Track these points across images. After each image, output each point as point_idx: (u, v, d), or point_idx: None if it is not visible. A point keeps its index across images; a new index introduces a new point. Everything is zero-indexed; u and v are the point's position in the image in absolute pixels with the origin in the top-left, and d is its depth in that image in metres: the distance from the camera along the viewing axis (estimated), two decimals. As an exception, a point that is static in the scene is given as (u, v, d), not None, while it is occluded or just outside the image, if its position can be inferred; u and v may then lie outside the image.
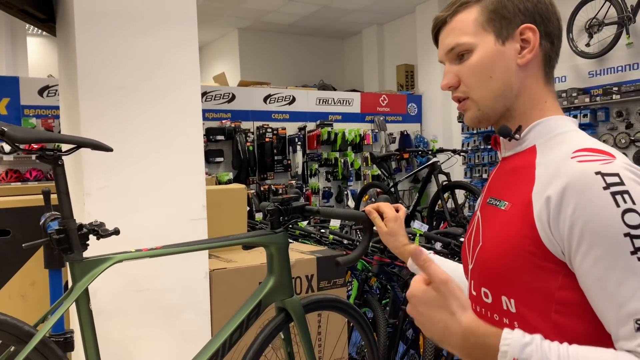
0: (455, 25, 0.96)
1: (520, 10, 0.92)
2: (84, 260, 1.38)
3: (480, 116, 0.96)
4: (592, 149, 0.82)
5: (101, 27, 1.90)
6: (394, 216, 1.40)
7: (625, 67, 5.34)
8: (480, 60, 0.93)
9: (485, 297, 0.93)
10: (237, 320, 1.60)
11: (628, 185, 0.76)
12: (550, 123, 0.93)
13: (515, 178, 0.92)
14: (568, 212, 0.78)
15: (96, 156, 1.69)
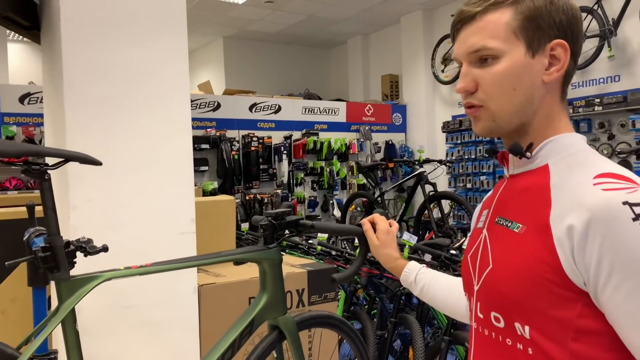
0: (484, 25, 0.88)
1: (555, 23, 0.86)
2: (71, 279, 1.32)
3: (494, 128, 0.91)
4: (614, 174, 0.79)
5: (88, 35, 1.85)
6: (386, 229, 1.40)
7: (607, 79, 5.42)
8: (507, 70, 0.87)
9: (497, 322, 0.89)
10: (229, 339, 1.55)
11: None
12: (563, 141, 0.88)
13: (528, 199, 0.88)
14: (596, 244, 0.75)
15: (82, 168, 1.63)
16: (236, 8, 7.29)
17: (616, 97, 5.12)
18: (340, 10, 7.49)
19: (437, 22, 7.42)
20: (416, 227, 5.49)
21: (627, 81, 5.22)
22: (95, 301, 1.77)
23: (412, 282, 1.32)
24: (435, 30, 7.41)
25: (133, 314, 1.91)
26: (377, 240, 1.40)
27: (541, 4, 0.86)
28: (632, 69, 5.19)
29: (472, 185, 6.64)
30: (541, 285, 0.80)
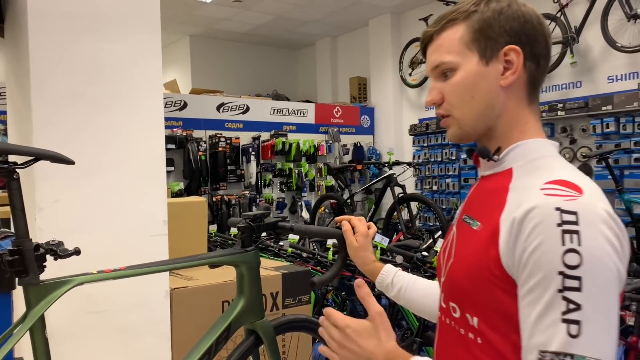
0: (441, 42, 0.96)
1: (506, 30, 0.91)
2: (40, 284, 1.25)
3: (462, 134, 0.97)
4: (564, 181, 0.83)
5: (57, 29, 1.77)
6: (365, 232, 1.40)
7: (569, 85, 5.57)
8: (462, 80, 0.93)
9: (454, 312, 0.95)
10: (205, 345, 1.51)
11: (581, 226, 0.76)
12: (528, 147, 0.93)
13: (489, 200, 0.93)
14: (523, 240, 0.80)
15: (50, 167, 1.56)
16: (203, 6, 7.18)
17: (578, 103, 5.27)
18: (309, 11, 7.48)
19: (405, 26, 7.49)
20: (385, 228, 5.52)
21: (589, 87, 5.37)
22: (62, 307, 1.69)
23: (388, 285, 1.34)
24: (403, 33, 7.48)
25: (102, 320, 1.84)
26: (356, 242, 1.40)
27: (490, 16, 0.92)
28: (593, 75, 5.35)
29: (438, 188, 6.72)
30: (487, 280, 0.86)
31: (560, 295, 0.75)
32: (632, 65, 5.03)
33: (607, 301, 0.76)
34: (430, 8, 6.85)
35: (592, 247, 0.76)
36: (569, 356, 0.73)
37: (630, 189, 4.73)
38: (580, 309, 0.74)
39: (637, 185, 4.78)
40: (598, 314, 0.75)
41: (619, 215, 3.30)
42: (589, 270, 0.75)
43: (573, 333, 0.74)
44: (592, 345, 0.74)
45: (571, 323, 0.74)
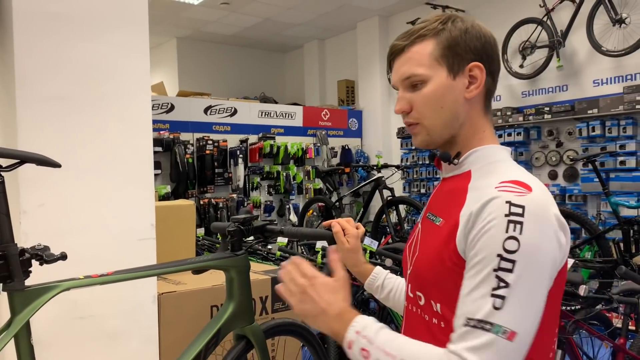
0: (411, 56, 1.03)
1: (470, 49, 1.02)
2: (25, 289, 1.23)
3: (429, 141, 1.06)
4: (516, 181, 0.94)
5: (43, 30, 1.74)
6: (356, 233, 1.42)
7: (555, 89, 5.62)
8: (433, 91, 1.02)
9: (419, 300, 1.05)
10: (195, 351, 1.49)
11: (525, 219, 0.88)
12: (485, 152, 1.04)
13: (450, 198, 1.03)
14: (476, 229, 0.91)
15: (35, 170, 1.53)
16: (191, 8, 7.14)
17: (564, 106, 5.31)
18: (297, 14, 7.47)
19: (393, 29, 7.51)
20: (374, 231, 5.51)
21: (575, 90, 5.42)
22: (48, 312, 1.66)
23: (378, 286, 1.38)
24: (391, 36, 7.50)
25: (89, 325, 1.81)
26: (347, 244, 1.40)
27: (457, 34, 1.02)
28: (578, 79, 5.40)
29: (425, 191, 6.74)
30: (448, 268, 0.96)
31: (494, 274, 0.87)
32: (617, 69, 5.09)
33: (534, 285, 0.88)
34: (418, 12, 6.88)
35: (530, 237, 0.87)
36: (489, 324, 0.85)
37: (616, 191, 4.78)
38: (508, 287, 0.86)
39: (623, 188, 4.83)
40: (523, 294, 0.86)
41: (605, 217, 3.33)
42: (523, 257, 0.87)
43: (497, 306, 0.85)
44: (511, 318, 0.85)
45: (497, 298, 0.86)
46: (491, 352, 0.84)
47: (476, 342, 0.85)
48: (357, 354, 0.92)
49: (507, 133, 5.78)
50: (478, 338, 0.85)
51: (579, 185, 5.26)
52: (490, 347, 0.84)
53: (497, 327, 0.85)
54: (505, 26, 5.78)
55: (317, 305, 0.98)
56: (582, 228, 4.62)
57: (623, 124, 4.93)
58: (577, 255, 4.30)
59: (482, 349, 0.84)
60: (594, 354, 2.79)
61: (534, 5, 5.55)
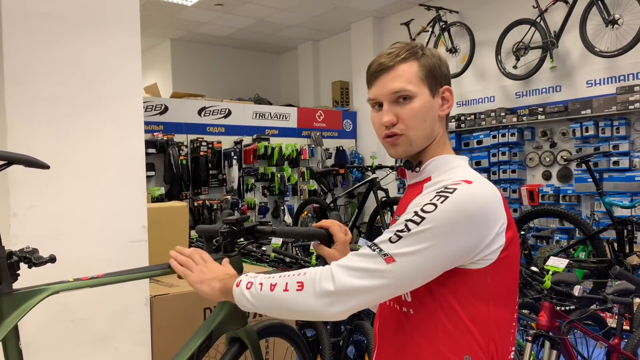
0: (400, 73, 1.16)
1: (443, 74, 1.20)
2: (13, 293, 1.21)
3: (410, 151, 1.19)
4: (465, 180, 1.08)
5: (33, 30, 1.73)
6: (344, 239, 1.45)
7: (549, 89, 5.63)
8: (421, 107, 1.16)
9: None
10: (187, 353, 1.47)
11: (451, 195, 1.04)
12: (443, 159, 1.19)
13: (411, 199, 1.16)
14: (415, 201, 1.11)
15: (25, 172, 1.51)
16: (185, 10, 7.12)
17: (558, 107, 5.33)
18: (291, 15, 7.46)
19: (387, 30, 7.52)
20: (369, 232, 5.51)
21: (568, 91, 5.44)
22: (37, 315, 1.64)
23: None
24: (385, 38, 7.50)
25: (80, 329, 1.79)
26: (336, 252, 1.42)
27: (435, 61, 1.19)
28: (572, 80, 5.42)
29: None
30: None
31: (405, 222, 1.05)
32: (610, 69, 5.11)
33: (431, 245, 1.03)
34: (412, 13, 6.89)
35: (447, 209, 1.03)
36: (376, 246, 1.05)
37: (609, 192, 4.79)
38: (408, 232, 1.04)
39: (616, 189, 4.84)
40: (416, 244, 1.03)
41: (599, 217, 3.33)
42: (433, 220, 1.03)
43: (393, 240, 1.04)
44: (396, 251, 1.03)
45: (396, 235, 1.04)
46: (358, 262, 1.05)
47: (360, 251, 1.07)
48: (243, 288, 1.16)
49: (501, 134, 5.79)
50: (361, 252, 1.07)
51: (573, 186, 5.27)
52: (365, 257, 1.05)
53: (379, 248, 1.05)
54: (498, 27, 5.80)
55: (206, 273, 1.30)
56: (576, 228, 4.63)
57: (616, 125, 4.95)
58: (572, 255, 4.31)
59: (359, 255, 1.06)
60: (589, 354, 2.80)
61: (528, 6, 5.56)
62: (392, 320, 1.19)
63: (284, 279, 1.11)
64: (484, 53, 6.05)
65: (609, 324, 2.78)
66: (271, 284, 1.11)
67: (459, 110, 6.35)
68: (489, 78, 6.12)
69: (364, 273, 1.03)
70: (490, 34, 6.01)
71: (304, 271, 1.10)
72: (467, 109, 6.32)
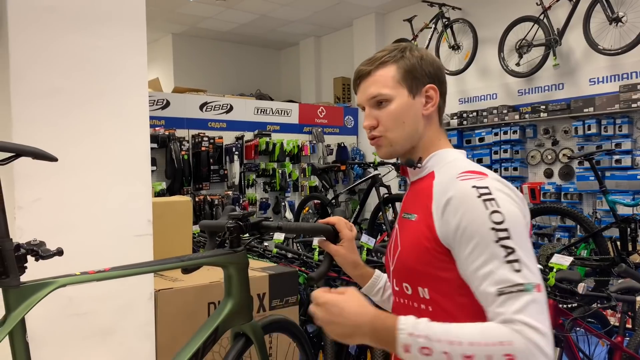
0: (377, 79, 1.20)
1: (426, 73, 1.20)
2: (21, 285, 1.20)
3: (392, 152, 1.22)
4: (471, 171, 1.10)
5: (38, 23, 1.72)
6: (350, 236, 1.43)
7: (551, 87, 5.62)
8: (396, 109, 1.19)
9: (407, 290, 1.17)
10: (192, 348, 1.47)
11: (494, 195, 1.04)
12: (443, 154, 1.21)
13: (420, 196, 1.17)
14: (452, 214, 1.05)
15: (30, 165, 1.50)
16: (187, 5, 7.10)
17: (560, 105, 5.31)
18: (293, 11, 7.44)
19: (390, 27, 7.50)
20: (370, 229, 5.50)
21: (571, 89, 5.43)
22: (43, 309, 1.63)
23: (380, 288, 1.42)
24: (388, 34, 7.48)
25: (85, 322, 1.79)
26: (343, 249, 1.40)
27: (414, 62, 1.20)
28: (575, 78, 5.41)
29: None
30: (431, 256, 1.09)
31: (497, 245, 1.00)
32: (613, 67, 5.10)
33: (526, 241, 1.02)
34: (414, 9, 6.87)
35: (506, 207, 1.03)
36: (520, 285, 0.97)
37: (611, 190, 4.79)
38: (514, 251, 0.99)
39: (618, 187, 4.84)
40: (525, 251, 1.00)
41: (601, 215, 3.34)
42: (510, 222, 1.01)
43: (517, 269, 0.98)
44: (530, 273, 0.98)
45: (513, 262, 0.98)
46: (533, 307, 0.96)
47: (518, 305, 0.96)
48: (418, 353, 0.96)
49: (503, 131, 5.79)
50: (517, 300, 0.96)
51: (575, 184, 5.26)
52: (531, 303, 0.96)
53: (527, 286, 0.97)
54: (501, 24, 5.78)
55: (347, 326, 1.03)
56: (578, 226, 4.63)
57: (619, 123, 4.94)
58: (574, 253, 4.30)
59: (526, 307, 0.95)
60: (591, 352, 2.80)
61: (531, 4, 5.54)
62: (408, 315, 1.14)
63: (481, 348, 0.94)
64: (487, 50, 6.03)
65: (611, 322, 2.78)
66: (464, 355, 0.94)
67: (461, 108, 6.34)
68: (492, 75, 6.11)
69: (542, 312, 0.97)
70: (493, 31, 5.99)
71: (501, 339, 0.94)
72: (469, 106, 6.31)
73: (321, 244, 1.44)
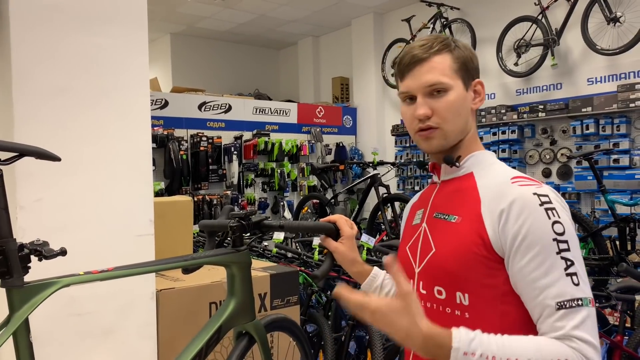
0: (435, 65, 1.13)
1: (475, 67, 1.18)
2: (24, 285, 1.20)
3: (445, 145, 1.15)
4: (523, 176, 1.08)
5: (41, 21, 1.71)
6: (351, 234, 1.41)
7: (550, 87, 5.63)
8: (456, 99, 1.13)
9: (439, 294, 1.11)
10: (195, 348, 1.47)
11: (555, 204, 1.02)
12: (482, 156, 1.18)
13: (461, 197, 1.13)
14: (513, 220, 1.01)
15: (32, 164, 1.50)
16: (185, 4, 7.09)
17: (558, 104, 5.33)
18: (291, 11, 7.44)
19: (388, 26, 7.50)
20: (369, 228, 5.51)
21: (569, 89, 5.44)
22: (45, 308, 1.63)
23: (378, 286, 1.39)
24: (386, 34, 7.49)
25: (87, 322, 1.78)
26: (343, 246, 1.39)
27: (467, 54, 1.17)
28: (573, 78, 5.42)
29: (420, 188, 6.74)
30: (475, 260, 1.05)
31: (559, 256, 0.98)
32: (611, 67, 5.11)
33: (580, 254, 1.01)
34: (413, 9, 6.87)
35: (565, 217, 1.01)
36: (579, 300, 0.96)
37: (609, 189, 4.80)
38: (573, 264, 0.98)
39: (616, 186, 4.85)
40: (581, 264, 0.99)
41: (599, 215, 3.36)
42: (569, 235, 1.00)
43: (575, 282, 0.97)
44: (586, 288, 0.98)
45: (572, 276, 0.97)
46: (589, 322, 0.96)
47: (577, 320, 0.95)
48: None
49: (502, 131, 5.80)
50: (576, 315, 0.95)
51: (573, 183, 5.28)
52: (587, 319, 0.96)
53: (585, 300, 0.97)
54: (500, 24, 5.79)
55: (400, 333, 0.94)
56: (577, 225, 4.65)
57: (617, 123, 4.95)
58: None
59: (583, 323, 0.95)
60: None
61: (529, 4, 5.56)
62: (437, 321, 1.02)
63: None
64: (485, 50, 6.04)
65: (610, 321, 2.78)
66: None
67: (460, 107, 6.34)
68: (490, 75, 6.12)
69: (595, 327, 0.98)
70: (491, 31, 6.01)
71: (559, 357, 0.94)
72: (467, 106, 6.32)
73: (322, 241, 1.44)
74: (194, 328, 1.60)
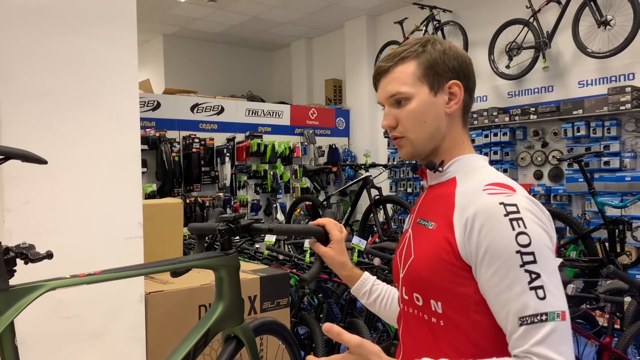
0: (396, 76, 1.12)
1: (449, 68, 1.12)
2: (10, 289, 1.19)
3: (414, 152, 1.14)
4: (498, 183, 1.03)
5: (27, 23, 1.71)
6: (340, 237, 1.41)
7: (541, 89, 5.66)
8: (417, 107, 1.11)
9: (417, 301, 1.10)
10: (183, 351, 1.47)
11: (522, 214, 0.97)
12: (466, 160, 1.14)
13: (439, 203, 1.11)
14: (477, 232, 0.98)
15: (19, 167, 1.49)
16: (178, 5, 7.08)
17: (550, 107, 5.35)
18: (284, 12, 7.44)
19: (381, 29, 7.52)
20: (362, 230, 5.51)
21: (560, 91, 5.47)
22: (32, 311, 1.62)
23: (366, 292, 1.40)
24: (379, 36, 7.51)
25: (74, 325, 1.77)
26: (331, 250, 1.39)
27: (436, 56, 1.12)
28: (564, 80, 5.45)
29: (412, 190, 6.75)
30: (446, 268, 1.03)
31: (522, 269, 0.94)
32: (602, 70, 5.14)
33: (552, 265, 0.96)
34: (406, 11, 6.89)
35: (533, 228, 0.97)
36: (544, 315, 0.92)
37: (599, 192, 4.83)
38: (539, 277, 0.94)
39: (607, 188, 4.88)
40: (550, 275, 0.95)
41: (590, 217, 3.37)
42: (537, 246, 0.95)
43: (540, 296, 0.93)
44: (555, 301, 0.93)
45: (537, 289, 0.93)
46: (555, 337, 0.92)
47: (540, 335, 0.92)
48: None
49: (493, 133, 5.82)
50: (540, 330, 0.92)
51: (564, 185, 5.30)
52: (553, 333, 0.92)
53: (551, 314, 0.92)
54: (491, 27, 5.82)
55: None
56: (567, 227, 4.66)
57: (607, 125, 4.98)
58: (563, 255, 4.34)
59: (547, 337, 0.91)
60: (580, 353, 2.82)
61: (521, 7, 5.59)
62: (419, 328, 1.11)
63: None
64: (477, 52, 6.06)
65: (599, 322, 2.80)
66: None
67: (452, 110, 6.36)
68: (482, 77, 6.14)
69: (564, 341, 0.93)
70: (483, 33, 6.03)
71: None
72: (459, 108, 6.34)
73: (311, 245, 1.44)
74: (183, 331, 1.60)
